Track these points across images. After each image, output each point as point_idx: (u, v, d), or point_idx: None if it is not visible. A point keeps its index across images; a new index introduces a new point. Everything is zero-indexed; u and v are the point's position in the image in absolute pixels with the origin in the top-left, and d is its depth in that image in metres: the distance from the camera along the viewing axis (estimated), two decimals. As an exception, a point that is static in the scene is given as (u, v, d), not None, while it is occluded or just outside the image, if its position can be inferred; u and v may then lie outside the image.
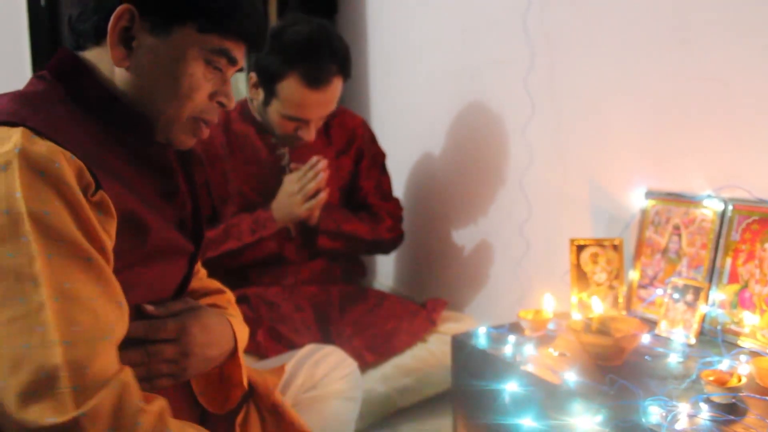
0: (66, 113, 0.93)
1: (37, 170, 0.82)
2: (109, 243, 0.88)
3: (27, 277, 0.79)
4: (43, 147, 0.83)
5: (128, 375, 0.85)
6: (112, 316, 0.86)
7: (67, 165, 0.84)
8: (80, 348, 0.80)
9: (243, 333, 1.14)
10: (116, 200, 0.90)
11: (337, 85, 1.84)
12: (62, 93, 0.96)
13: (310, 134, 1.86)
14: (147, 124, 1.00)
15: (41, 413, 0.76)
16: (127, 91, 0.98)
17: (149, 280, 0.97)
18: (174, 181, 1.07)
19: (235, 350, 1.11)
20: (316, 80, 1.78)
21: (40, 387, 0.77)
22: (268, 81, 1.82)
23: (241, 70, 1.10)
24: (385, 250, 2.13)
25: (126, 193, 0.93)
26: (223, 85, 1.03)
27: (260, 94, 1.87)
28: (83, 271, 0.84)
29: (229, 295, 1.24)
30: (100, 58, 0.99)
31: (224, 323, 1.09)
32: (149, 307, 0.98)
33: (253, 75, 1.86)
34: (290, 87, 1.79)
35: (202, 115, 1.03)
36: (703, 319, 1.38)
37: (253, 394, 1.19)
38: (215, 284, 1.24)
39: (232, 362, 1.11)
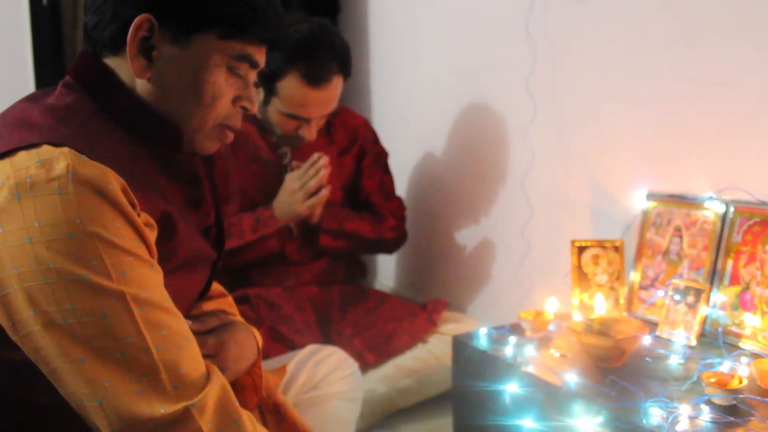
0: (100, 127, 0.93)
1: (92, 192, 0.82)
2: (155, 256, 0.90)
3: (106, 294, 0.81)
4: (95, 169, 0.83)
5: (222, 377, 0.88)
6: (183, 318, 0.89)
7: (117, 185, 0.84)
8: (171, 350, 0.83)
9: (260, 342, 1.15)
10: (153, 212, 0.90)
11: (337, 84, 1.84)
12: (92, 105, 0.95)
13: (311, 133, 1.86)
14: (176, 133, 0.99)
15: (151, 406, 0.80)
16: (150, 102, 0.97)
17: (176, 288, 0.96)
18: (201, 190, 1.07)
19: (257, 360, 1.12)
20: (316, 78, 1.78)
21: (144, 389, 0.80)
22: (268, 80, 1.82)
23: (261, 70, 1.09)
24: (388, 249, 2.13)
25: (161, 205, 0.93)
26: (246, 89, 1.02)
27: (260, 93, 1.87)
28: (153, 279, 0.86)
29: (230, 299, 1.25)
30: (120, 67, 0.97)
31: (250, 336, 1.11)
32: (192, 325, 0.99)
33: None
34: (290, 85, 1.79)
35: (226, 121, 1.01)
36: (704, 320, 1.38)
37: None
38: (217, 287, 1.24)
39: (254, 371, 1.12)
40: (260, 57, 1.01)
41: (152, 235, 0.89)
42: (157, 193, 0.94)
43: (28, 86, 2.43)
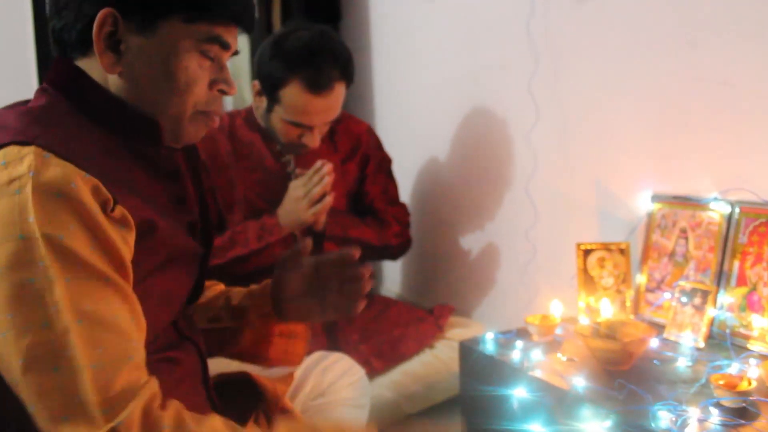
0: (74, 126, 0.92)
1: (52, 193, 0.80)
2: (129, 256, 0.88)
3: (49, 303, 0.79)
4: (57, 168, 0.82)
5: (154, 385, 0.85)
6: (135, 334, 0.86)
7: (83, 184, 0.82)
8: (107, 370, 0.80)
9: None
10: (132, 211, 0.88)
11: (339, 91, 1.84)
12: (67, 105, 0.94)
13: (314, 141, 1.86)
14: (154, 127, 0.98)
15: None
16: (124, 97, 0.96)
17: (164, 287, 0.96)
18: (183, 185, 1.06)
19: None
20: (318, 86, 1.78)
21: (72, 412, 0.78)
22: (270, 88, 1.82)
23: (236, 53, 1.07)
24: (393, 255, 2.13)
25: (140, 203, 0.91)
26: (221, 71, 1.00)
27: (264, 102, 1.87)
28: (102, 291, 0.83)
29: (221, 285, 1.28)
30: (91, 67, 0.96)
31: None
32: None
33: (256, 83, 1.86)
34: (292, 93, 1.79)
35: (206, 107, 1.00)
36: (712, 322, 1.37)
37: (262, 400, 1.19)
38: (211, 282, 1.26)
39: None
40: (230, 38, 0.99)
41: (129, 234, 0.87)
42: (136, 191, 0.93)
43: (31, 89, 2.44)
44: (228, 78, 1.01)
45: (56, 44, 0.98)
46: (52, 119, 0.91)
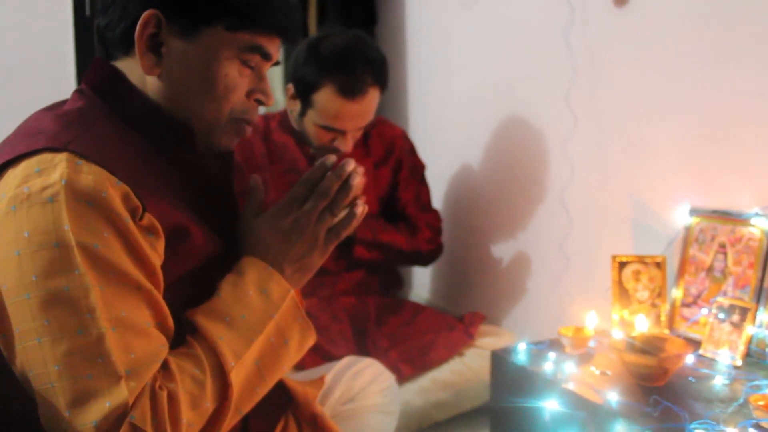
0: (108, 130, 0.92)
1: (84, 201, 0.81)
2: (159, 262, 0.88)
3: (84, 309, 0.80)
4: (89, 176, 0.82)
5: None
6: (162, 339, 0.87)
7: (114, 192, 0.83)
8: (140, 375, 0.82)
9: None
10: (163, 218, 0.89)
11: (373, 96, 1.84)
12: (103, 108, 0.95)
13: (347, 145, 1.86)
14: (188, 133, 0.98)
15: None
16: (161, 100, 0.96)
17: (196, 292, 0.96)
18: (216, 191, 1.06)
19: None
20: (351, 90, 1.78)
21: (112, 422, 0.79)
22: (304, 92, 1.83)
23: (277, 64, 1.07)
24: (424, 261, 2.12)
25: (172, 209, 0.92)
26: (260, 81, 1.00)
27: (297, 105, 1.88)
28: (135, 298, 0.84)
29: None
30: (131, 67, 0.96)
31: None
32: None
33: (291, 87, 1.87)
34: (326, 97, 1.79)
35: (241, 115, 1.00)
36: (750, 340, 1.35)
37: (293, 403, 1.19)
38: None
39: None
40: (272, 48, 0.99)
41: (157, 242, 0.88)
42: (169, 196, 0.93)
43: (70, 86, 2.47)
44: (266, 88, 1.01)
45: (99, 42, 0.99)
46: (87, 123, 0.91)
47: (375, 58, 1.83)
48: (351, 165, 1.03)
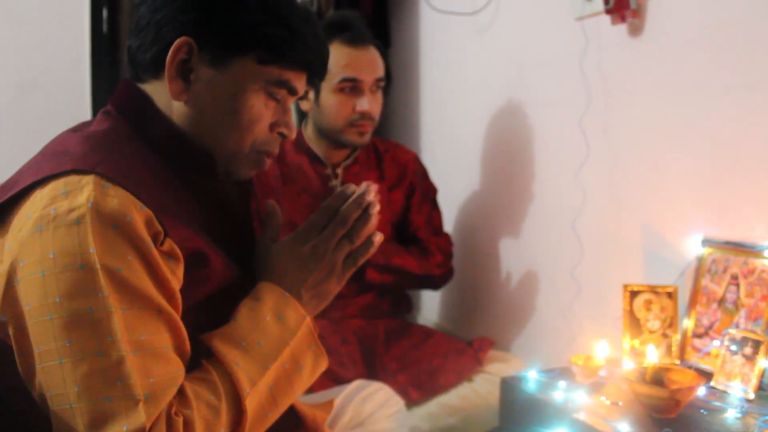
0: (133, 153, 0.94)
1: (109, 224, 0.82)
2: (178, 287, 0.89)
3: (106, 332, 0.80)
4: (115, 200, 0.83)
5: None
6: (180, 363, 0.88)
7: (138, 216, 0.84)
8: (158, 399, 0.82)
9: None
10: (183, 243, 0.90)
11: (376, 52, 1.94)
12: (128, 130, 0.96)
13: (368, 105, 1.90)
14: (209, 159, 0.99)
15: None
16: (185, 126, 0.98)
17: (213, 316, 0.97)
18: (234, 217, 1.07)
19: None
20: (356, 40, 1.90)
21: None
22: None
23: (302, 98, 1.09)
24: (435, 285, 2.12)
25: (191, 234, 0.93)
26: (284, 114, 1.02)
27: (311, 96, 1.91)
28: (156, 322, 0.85)
29: None
30: (158, 91, 0.98)
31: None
32: None
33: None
34: (336, 52, 1.86)
35: (262, 147, 1.02)
36: (763, 373, 1.34)
37: (302, 427, 1.19)
38: None
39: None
40: (299, 83, 1.01)
41: (177, 267, 0.89)
42: (188, 222, 0.94)
43: (86, 113, 2.50)
44: (290, 122, 1.03)
45: (130, 62, 1.01)
46: (113, 145, 0.92)
47: (367, 25, 1.97)
48: (371, 194, 1.04)
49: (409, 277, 2.01)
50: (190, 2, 0.95)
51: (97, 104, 2.55)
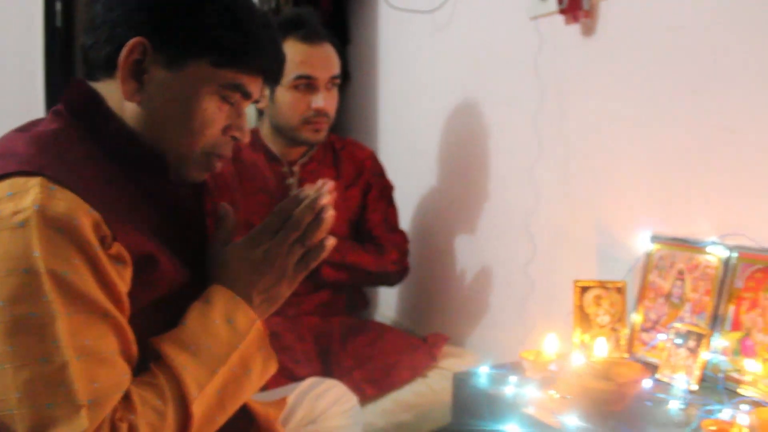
0: (82, 154, 0.92)
1: (56, 228, 0.81)
2: (125, 290, 0.88)
3: (49, 337, 0.79)
4: (62, 203, 0.82)
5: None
6: (126, 368, 0.87)
7: (85, 220, 0.83)
8: (102, 404, 0.82)
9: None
10: (131, 246, 0.89)
11: (331, 48, 1.94)
12: (78, 131, 0.95)
13: (323, 102, 1.90)
14: (161, 162, 0.99)
15: None
16: (137, 127, 0.96)
17: (163, 319, 0.96)
18: (186, 219, 1.07)
19: None
20: (311, 37, 1.89)
21: None
22: None
23: (256, 102, 1.09)
24: (390, 282, 2.13)
25: (141, 238, 0.92)
26: (238, 118, 1.01)
27: (266, 94, 1.91)
28: (101, 326, 0.84)
29: None
30: (111, 90, 0.97)
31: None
32: None
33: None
34: (291, 49, 1.85)
35: (215, 149, 1.01)
36: (705, 365, 1.38)
37: (254, 425, 1.19)
38: None
39: None
40: (254, 87, 1.01)
41: (125, 270, 0.88)
42: (139, 225, 0.93)
43: (39, 108, 2.46)
44: (243, 126, 1.02)
45: (83, 60, 0.99)
46: (62, 146, 0.91)
47: (322, 23, 1.97)
48: (324, 198, 1.05)
49: (365, 274, 2.01)
50: (146, 2, 0.94)
51: (51, 100, 2.51)
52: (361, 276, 2.02)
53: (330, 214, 1.05)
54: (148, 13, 0.94)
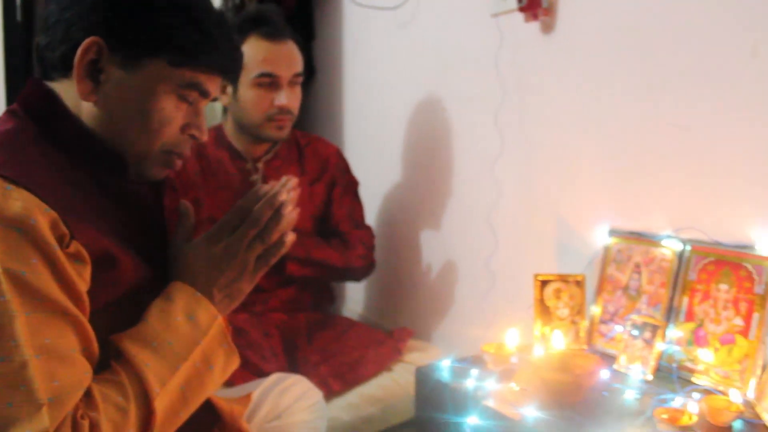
0: (39, 154, 0.92)
1: (12, 227, 0.81)
2: (85, 288, 0.89)
3: (8, 336, 0.79)
4: (18, 203, 0.82)
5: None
6: (87, 366, 0.88)
7: (42, 219, 0.83)
8: (63, 402, 0.82)
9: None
10: (90, 245, 0.89)
11: (294, 46, 1.94)
12: (34, 130, 0.95)
13: (286, 100, 1.90)
14: (119, 160, 0.99)
15: None
16: (94, 126, 0.96)
17: (124, 317, 0.97)
18: (146, 217, 1.07)
19: None
20: (273, 34, 1.89)
21: None
22: None
23: (215, 100, 1.09)
24: (356, 277, 2.15)
25: (99, 236, 0.92)
26: (196, 117, 1.02)
27: (229, 91, 1.91)
28: (61, 325, 0.84)
29: None
30: (67, 90, 0.96)
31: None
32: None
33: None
34: (253, 47, 1.87)
35: (173, 148, 1.01)
36: (660, 356, 1.42)
37: (219, 421, 1.20)
38: None
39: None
40: (212, 86, 1.01)
41: (84, 269, 0.88)
42: (97, 223, 0.93)
43: None
44: (201, 124, 1.03)
45: (38, 60, 0.99)
46: (18, 146, 0.91)
47: (285, 20, 1.97)
48: (284, 194, 1.06)
49: (331, 269, 2.03)
50: (100, 2, 0.94)
51: (11, 97, 2.48)
52: (327, 271, 2.03)
53: (289, 211, 1.06)
54: (103, 12, 0.93)
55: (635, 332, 1.45)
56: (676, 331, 1.43)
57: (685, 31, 1.47)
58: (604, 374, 1.40)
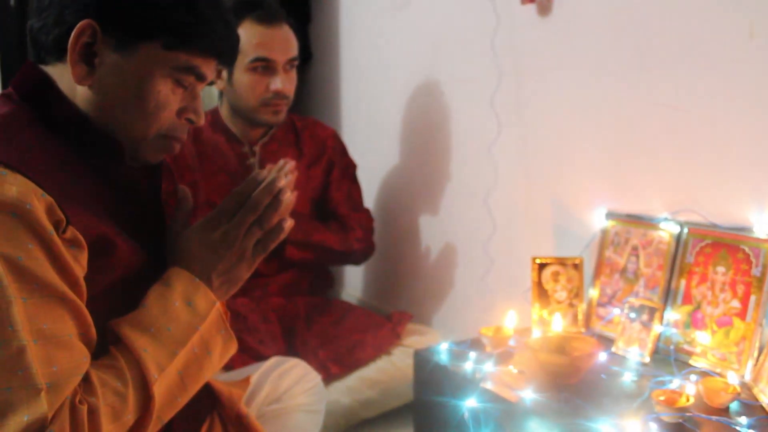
0: (34, 138, 0.91)
1: (8, 212, 0.80)
2: (82, 274, 0.88)
3: (5, 322, 0.79)
4: (13, 188, 0.81)
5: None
6: (85, 351, 0.87)
7: (38, 204, 0.82)
8: (61, 387, 0.82)
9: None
10: (86, 230, 0.89)
11: (288, 29, 1.93)
12: (29, 115, 0.94)
13: (282, 84, 1.89)
14: (115, 145, 0.98)
15: None
16: (90, 110, 0.95)
17: (122, 302, 0.96)
18: (143, 201, 1.07)
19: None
20: (268, 19, 1.88)
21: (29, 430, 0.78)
22: None
23: (211, 83, 1.08)
24: (355, 260, 2.15)
25: (96, 221, 0.92)
26: (193, 101, 1.00)
27: (224, 76, 1.90)
28: (59, 310, 0.84)
29: None
30: (62, 74, 0.95)
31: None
32: None
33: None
34: (247, 31, 1.86)
35: (170, 132, 1.00)
36: (658, 338, 1.42)
37: (218, 404, 1.20)
38: None
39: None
40: (208, 69, 1.00)
41: (80, 254, 0.88)
42: (94, 208, 0.93)
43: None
44: (198, 108, 1.02)
45: (32, 43, 0.97)
46: (13, 130, 0.90)
47: (278, 2, 1.98)
48: (282, 181, 1.05)
49: (330, 253, 2.03)
50: None
51: (6, 80, 2.46)
52: (326, 255, 2.03)
53: (288, 196, 1.06)
54: None
55: (633, 315, 1.45)
56: (673, 314, 1.44)
57: (682, 13, 1.47)
58: (602, 357, 1.40)
